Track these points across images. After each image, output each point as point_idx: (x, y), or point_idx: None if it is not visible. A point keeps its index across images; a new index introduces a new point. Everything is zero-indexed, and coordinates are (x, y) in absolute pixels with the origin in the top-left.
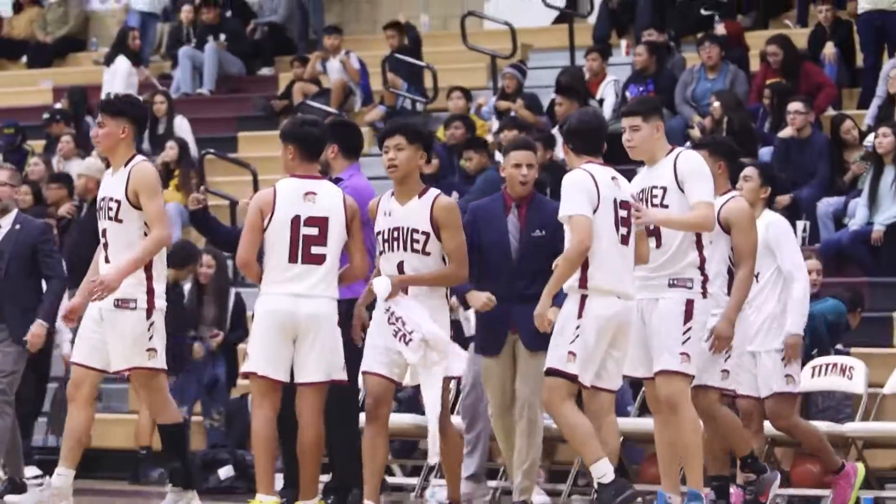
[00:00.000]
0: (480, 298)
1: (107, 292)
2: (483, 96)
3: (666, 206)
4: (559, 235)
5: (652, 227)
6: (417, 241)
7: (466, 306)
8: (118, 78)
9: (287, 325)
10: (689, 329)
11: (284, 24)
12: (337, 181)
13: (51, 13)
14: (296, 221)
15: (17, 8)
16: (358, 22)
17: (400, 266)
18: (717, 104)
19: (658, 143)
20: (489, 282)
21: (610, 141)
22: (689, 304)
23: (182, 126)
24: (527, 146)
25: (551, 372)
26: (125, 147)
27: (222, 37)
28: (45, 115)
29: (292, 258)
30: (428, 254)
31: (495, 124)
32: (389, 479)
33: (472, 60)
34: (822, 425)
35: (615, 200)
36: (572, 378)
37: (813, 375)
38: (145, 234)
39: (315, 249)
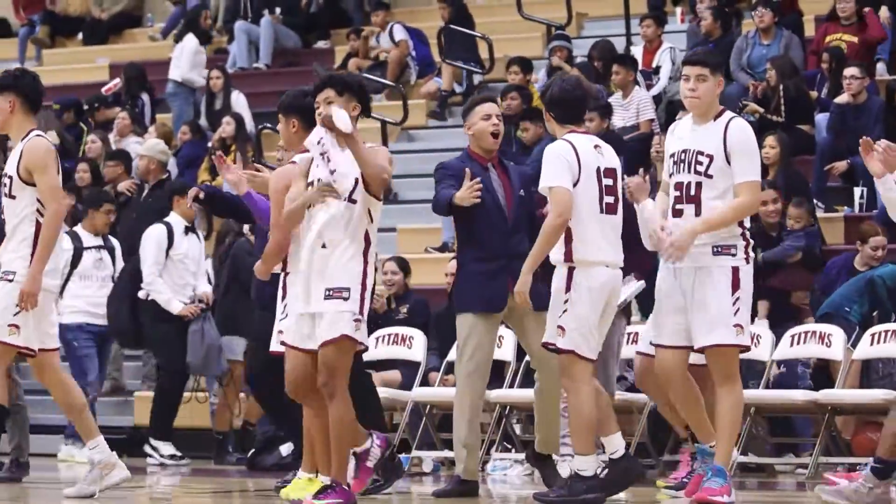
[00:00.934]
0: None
1: (32, 300)
2: (542, 66)
3: (710, 177)
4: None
5: (693, 193)
6: None
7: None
8: (185, 55)
9: None
10: (737, 299)
11: None
12: None
13: None
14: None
15: None
16: None
17: None
18: (772, 72)
19: (715, 102)
20: (485, 240)
21: (678, 104)
22: (735, 272)
23: (238, 101)
24: (491, 99)
25: (545, 346)
26: (18, 122)
27: (277, 10)
28: (95, 104)
29: None
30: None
31: None
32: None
33: (527, 30)
34: (882, 393)
35: (598, 169)
36: (563, 352)
37: (872, 343)
38: (38, 211)
39: None
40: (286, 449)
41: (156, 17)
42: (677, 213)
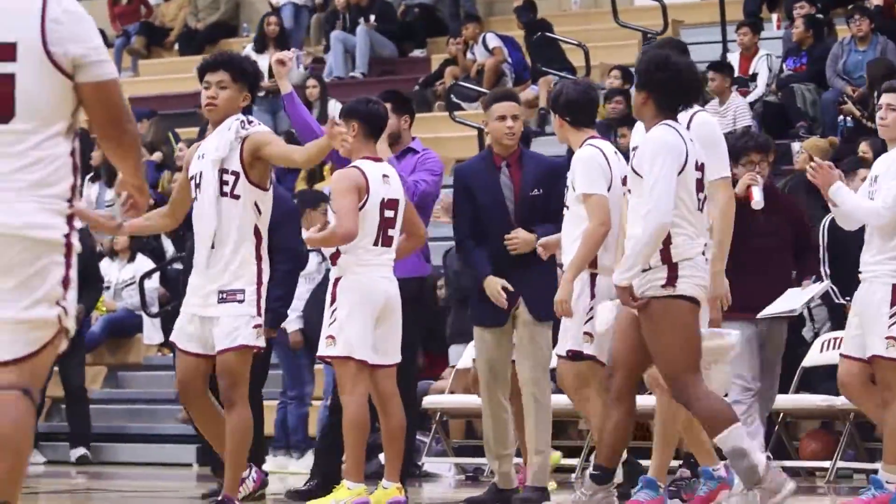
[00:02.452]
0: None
1: None
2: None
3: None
4: (556, 191)
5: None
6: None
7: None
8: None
9: (378, 307)
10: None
11: (435, 5)
12: (408, 151)
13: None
14: (381, 204)
15: None
16: (507, 0)
17: None
18: (868, 78)
19: None
20: (488, 245)
21: (775, 111)
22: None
23: (335, 110)
24: (510, 97)
25: (571, 355)
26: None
27: (372, 18)
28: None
29: (377, 241)
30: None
31: None
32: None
33: (623, 38)
34: None
35: (622, 177)
36: (591, 360)
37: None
38: None
39: (391, 232)
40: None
41: (251, 26)
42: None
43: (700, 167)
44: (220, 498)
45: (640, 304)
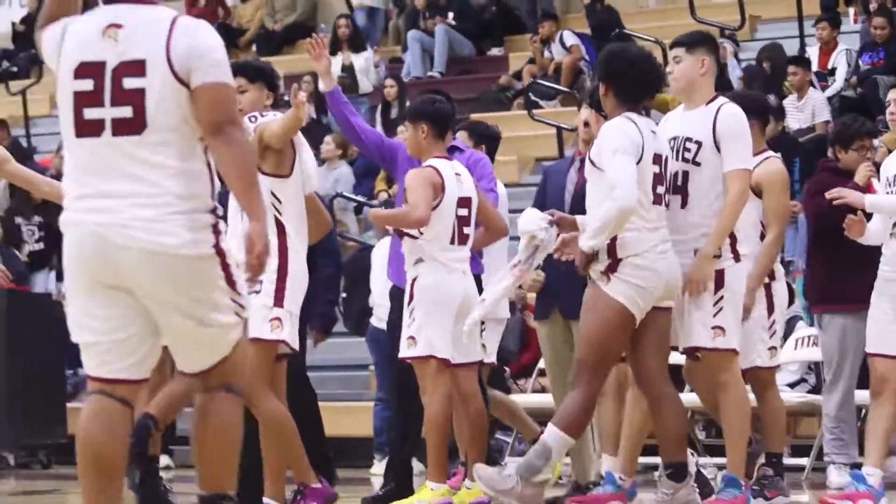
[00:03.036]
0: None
1: None
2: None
3: (698, 164)
4: None
5: (680, 183)
6: None
7: None
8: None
9: (456, 304)
10: (720, 299)
11: (512, 3)
12: (453, 150)
13: (279, 0)
14: (456, 203)
15: None
16: None
17: None
18: None
19: (700, 84)
20: None
21: (853, 106)
22: (719, 273)
23: None
24: (590, 104)
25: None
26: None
27: (451, 16)
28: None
29: (453, 240)
30: None
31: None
32: None
33: None
34: None
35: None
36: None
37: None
38: None
39: (466, 230)
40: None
41: (329, 27)
42: (660, 201)
43: (659, 160)
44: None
45: (584, 274)
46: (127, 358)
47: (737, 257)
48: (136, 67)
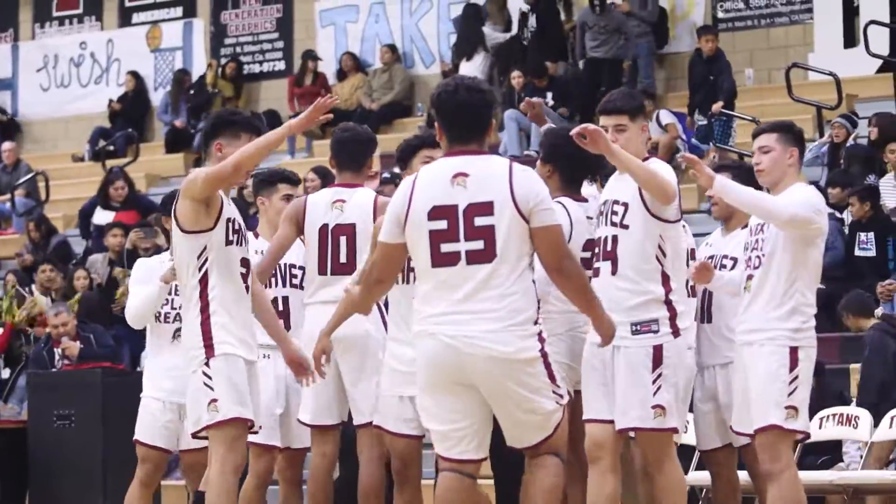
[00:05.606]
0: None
1: None
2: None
3: (626, 227)
4: None
5: (609, 248)
6: None
7: None
8: None
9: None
10: (658, 376)
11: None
12: None
13: (376, 80)
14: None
15: (341, 76)
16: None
17: None
18: None
19: (640, 148)
20: None
21: None
22: (657, 349)
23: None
24: None
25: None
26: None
27: (549, 96)
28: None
29: None
30: None
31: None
32: None
33: (797, 112)
34: None
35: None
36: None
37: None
38: None
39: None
40: None
41: (426, 105)
42: (594, 273)
43: (588, 247)
44: None
45: None
46: (471, 442)
47: (675, 332)
48: (486, 208)
